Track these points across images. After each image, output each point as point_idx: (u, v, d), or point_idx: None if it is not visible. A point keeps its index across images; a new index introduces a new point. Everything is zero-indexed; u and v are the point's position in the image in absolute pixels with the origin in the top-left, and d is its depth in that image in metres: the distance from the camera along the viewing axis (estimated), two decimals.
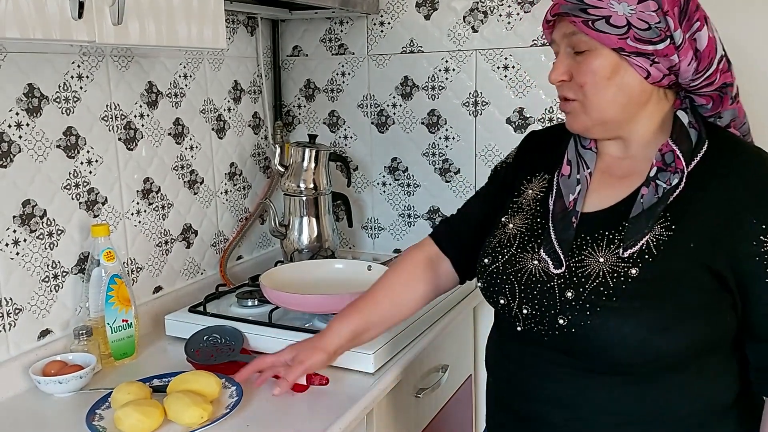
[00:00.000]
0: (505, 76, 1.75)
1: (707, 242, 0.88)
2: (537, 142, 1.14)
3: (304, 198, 1.81)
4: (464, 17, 1.77)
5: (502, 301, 1.01)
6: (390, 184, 1.96)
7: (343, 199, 1.94)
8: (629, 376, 0.92)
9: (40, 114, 1.30)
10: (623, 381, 0.92)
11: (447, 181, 1.88)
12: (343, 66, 1.95)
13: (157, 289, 1.61)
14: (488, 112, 1.79)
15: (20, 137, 1.26)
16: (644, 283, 0.88)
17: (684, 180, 0.90)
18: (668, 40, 0.89)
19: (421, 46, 1.84)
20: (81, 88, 1.38)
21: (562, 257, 0.95)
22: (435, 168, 1.89)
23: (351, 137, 1.99)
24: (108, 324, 1.32)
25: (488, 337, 1.13)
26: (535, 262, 0.98)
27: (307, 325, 1.40)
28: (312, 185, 1.81)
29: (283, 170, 1.83)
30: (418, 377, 1.44)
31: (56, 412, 1.18)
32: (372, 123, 1.95)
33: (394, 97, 1.90)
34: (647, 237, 0.90)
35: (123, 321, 1.34)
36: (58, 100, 1.33)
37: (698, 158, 0.92)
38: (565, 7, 0.92)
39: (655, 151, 0.94)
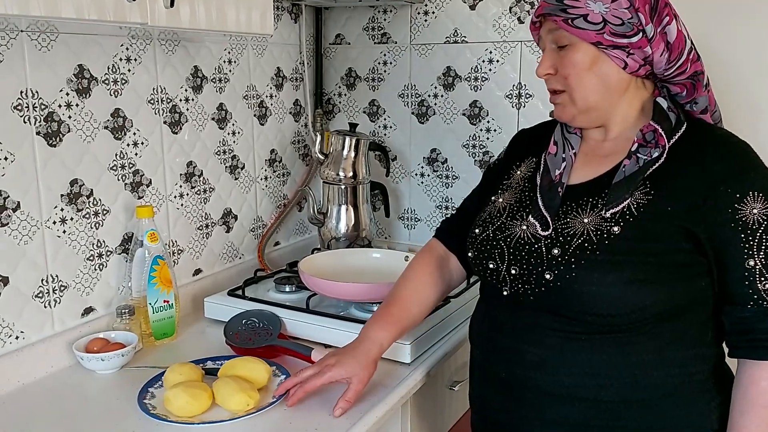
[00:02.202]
0: None
1: (684, 208, 0.95)
2: (526, 138, 1.22)
3: (342, 186, 1.81)
4: (510, 8, 1.75)
5: (491, 266, 1.06)
6: (428, 175, 1.95)
7: (381, 189, 1.93)
8: (609, 335, 0.97)
9: (89, 95, 1.31)
10: (603, 342, 0.97)
11: None
12: (385, 55, 1.94)
13: (197, 271, 1.63)
14: (532, 104, 1.77)
15: (69, 117, 1.28)
16: (625, 240, 0.95)
17: (665, 155, 0.99)
18: (641, 33, 0.98)
19: (465, 37, 1.82)
20: (129, 70, 1.39)
21: (549, 220, 1.02)
22: (475, 160, 1.87)
23: (391, 127, 1.98)
24: (150, 304, 1.34)
25: (472, 314, 1.18)
26: (524, 227, 1.05)
27: (342, 313, 1.40)
28: (351, 174, 1.81)
29: (322, 158, 1.83)
30: (453, 369, 1.43)
31: (98, 388, 1.20)
32: (412, 113, 1.94)
33: (435, 88, 1.89)
34: (628, 200, 0.97)
35: (164, 302, 1.36)
36: (106, 81, 1.35)
37: (677, 137, 1.01)
38: (547, 8, 1.01)
39: (636, 132, 1.02)
